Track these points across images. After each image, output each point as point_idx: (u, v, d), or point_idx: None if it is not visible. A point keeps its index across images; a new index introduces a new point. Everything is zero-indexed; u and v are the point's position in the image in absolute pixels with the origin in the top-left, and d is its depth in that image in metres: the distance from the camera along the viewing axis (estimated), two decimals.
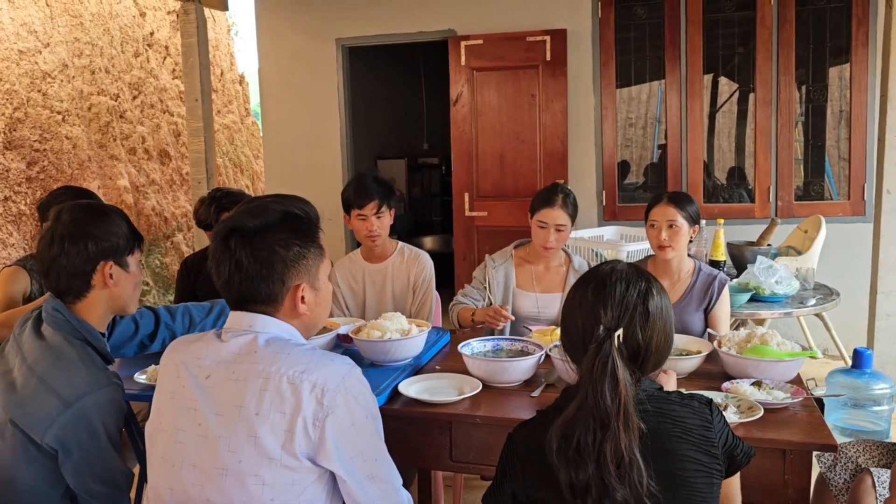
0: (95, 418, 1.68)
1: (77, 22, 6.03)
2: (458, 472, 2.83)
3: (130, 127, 6.56)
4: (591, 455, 1.30)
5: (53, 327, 1.76)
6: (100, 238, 1.77)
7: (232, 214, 1.52)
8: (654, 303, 1.41)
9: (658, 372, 1.52)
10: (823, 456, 2.18)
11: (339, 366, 1.44)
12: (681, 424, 1.38)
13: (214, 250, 1.49)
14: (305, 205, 1.55)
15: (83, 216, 1.79)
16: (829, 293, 3.79)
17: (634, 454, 1.29)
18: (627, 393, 1.31)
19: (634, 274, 1.44)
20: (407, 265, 3.05)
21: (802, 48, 5.02)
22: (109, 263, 1.79)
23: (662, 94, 5.29)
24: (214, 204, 3.15)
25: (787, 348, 2.22)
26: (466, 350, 2.30)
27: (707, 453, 1.38)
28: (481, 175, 5.44)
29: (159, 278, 6.52)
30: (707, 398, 1.45)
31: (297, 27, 5.86)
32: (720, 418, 1.43)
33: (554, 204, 2.79)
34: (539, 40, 5.14)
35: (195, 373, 1.46)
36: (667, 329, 1.43)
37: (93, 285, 1.78)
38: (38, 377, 1.67)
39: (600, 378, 1.32)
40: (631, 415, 1.30)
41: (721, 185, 5.43)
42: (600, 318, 1.38)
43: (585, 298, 1.42)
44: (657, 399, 1.40)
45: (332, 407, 1.38)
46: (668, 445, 1.36)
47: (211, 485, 1.41)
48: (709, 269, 2.80)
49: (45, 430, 1.63)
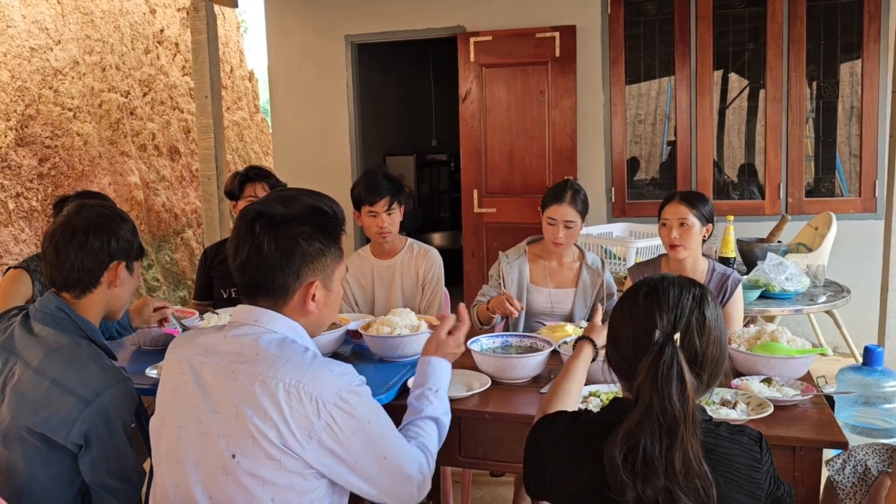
0: (113, 414, 1.69)
1: (88, 19, 6.05)
2: (467, 467, 2.84)
3: (141, 124, 6.58)
4: (660, 465, 1.22)
5: (56, 328, 1.75)
6: (120, 238, 1.80)
7: (261, 199, 1.52)
8: (710, 309, 1.34)
9: (709, 395, 1.45)
10: (832, 459, 2.17)
11: (337, 377, 1.41)
12: (728, 464, 1.30)
13: (237, 231, 1.48)
14: (334, 203, 1.55)
15: (107, 213, 1.83)
16: (839, 290, 3.78)
17: (702, 462, 1.22)
18: (695, 399, 1.25)
19: (687, 280, 1.38)
20: (416, 261, 3.06)
21: (813, 44, 4.99)
22: (122, 264, 1.82)
23: (672, 90, 5.27)
24: (240, 175, 3.20)
25: (797, 345, 2.21)
26: (476, 346, 2.30)
27: (751, 496, 1.30)
28: (490, 172, 5.43)
29: (169, 274, 6.55)
30: (758, 433, 1.37)
31: (307, 24, 5.87)
32: (768, 457, 1.36)
33: (562, 200, 2.79)
34: (548, 37, 5.13)
35: (197, 369, 1.46)
36: (721, 339, 1.36)
37: (100, 283, 1.80)
38: (50, 380, 1.67)
39: (666, 383, 1.23)
40: (698, 421, 1.24)
41: (731, 181, 5.41)
42: (656, 324, 1.31)
43: (637, 305, 1.35)
44: (705, 432, 1.30)
45: (327, 419, 1.38)
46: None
47: (213, 483, 1.41)
48: (723, 269, 2.80)
49: (68, 430, 1.63)
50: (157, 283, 6.29)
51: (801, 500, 1.83)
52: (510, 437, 2.02)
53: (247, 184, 3.19)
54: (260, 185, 3.17)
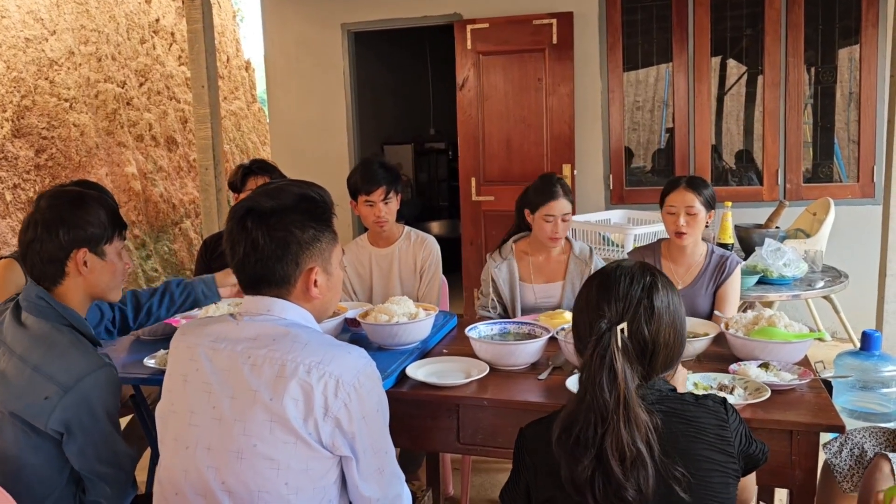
0: (95, 399, 1.70)
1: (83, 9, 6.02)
2: (466, 454, 2.85)
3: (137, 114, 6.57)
4: (591, 448, 1.29)
5: (37, 316, 1.75)
6: (73, 226, 1.76)
7: (248, 196, 1.53)
8: (660, 297, 1.40)
9: (672, 373, 1.50)
10: (829, 443, 2.18)
11: (356, 359, 1.45)
12: (695, 424, 1.36)
13: (230, 231, 1.50)
14: (321, 189, 1.56)
15: (60, 203, 1.79)
16: (837, 276, 3.78)
17: (639, 450, 1.27)
18: (627, 387, 1.29)
19: (640, 270, 1.43)
20: (413, 249, 3.06)
21: (812, 29, 4.97)
22: (83, 251, 1.78)
23: (670, 76, 5.25)
24: (243, 168, 3.20)
25: (794, 330, 2.22)
26: (474, 333, 2.30)
27: (723, 452, 1.36)
28: (488, 160, 5.42)
29: (168, 265, 6.55)
30: (721, 398, 1.44)
31: (303, 13, 5.84)
32: (735, 416, 1.42)
33: (557, 196, 2.80)
34: (545, 23, 5.11)
35: (210, 356, 1.47)
36: (676, 325, 1.42)
37: (67, 272, 1.79)
38: (31, 367, 1.68)
39: (598, 371, 1.30)
40: (632, 409, 1.28)
41: (729, 168, 5.40)
42: (604, 313, 1.37)
43: (591, 295, 1.42)
44: (670, 399, 1.39)
45: (346, 399, 1.40)
46: (683, 445, 1.34)
47: (226, 468, 1.42)
48: (721, 251, 2.82)
49: (48, 417, 1.64)
50: (156, 274, 6.29)
51: (798, 483, 1.84)
52: (509, 424, 2.02)
53: (249, 177, 3.18)
54: (262, 178, 3.15)
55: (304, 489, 1.41)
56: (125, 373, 2.23)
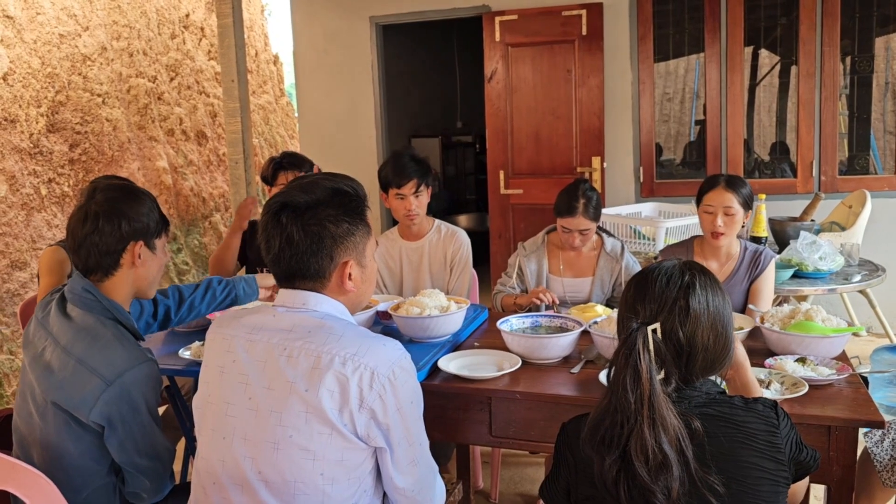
0: (136, 394, 1.72)
1: (115, 5, 6.09)
2: (498, 447, 2.85)
3: (168, 108, 6.63)
4: (615, 448, 1.27)
5: (83, 308, 1.78)
6: (133, 218, 1.80)
7: (282, 190, 1.53)
8: (697, 298, 1.35)
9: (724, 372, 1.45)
10: (871, 431, 2.15)
11: (391, 351, 1.46)
12: (744, 430, 1.31)
13: (265, 225, 1.51)
14: (354, 183, 1.57)
15: (117, 195, 1.82)
16: (874, 269, 3.71)
17: (665, 454, 1.23)
18: (653, 388, 1.25)
19: (679, 269, 1.40)
20: (444, 243, 3.06)
21: (848, 18, 4.86)
22: (140, 244, 1.82)
23: (701, 67, 5.18)
24: (275, 162, 3.22)
25: (832, 324, 2.18)
26: (505, 326, 2.30)
27: (773, 459, 1.31)
28: (516, 152, 5.40)
29: (198, 258, 6.62)
30: (772, 401, 1.39)
31: (331, 5, 5.85)
32: (787, 422, 1.37)
33: (575, 213, 2.76)
34: (575, 14, 5.06)
35: (246, 347, 1.49)
36: (717, 327, 1.37)
37: (121, 264, 1.81)
38: (76, 359, 1.70)
39: (622, 370, 1.28)
40: (658, 412, 1.25)
41: (762, 160, 5.32)
42: (638, 313, 1.36)
43: (628, 295, 1.42)
44: (718, 403, 1.34)
45: (381, 391, 1.40)
46: (729, 451, 1.29)
47: (262, 458, 1.43)
48: (754, 246, 2.79)
49: (90, 409, 1.67)
50: (187, 267, 6.37)
51: (836, 479, 1.81)
52: (542, 417, 2.02)
53: (280, 171, 3.18)
54: (292, 173, 3.15)
55: (340, 479, 1.42)
56: (160, 364, 2.24)
